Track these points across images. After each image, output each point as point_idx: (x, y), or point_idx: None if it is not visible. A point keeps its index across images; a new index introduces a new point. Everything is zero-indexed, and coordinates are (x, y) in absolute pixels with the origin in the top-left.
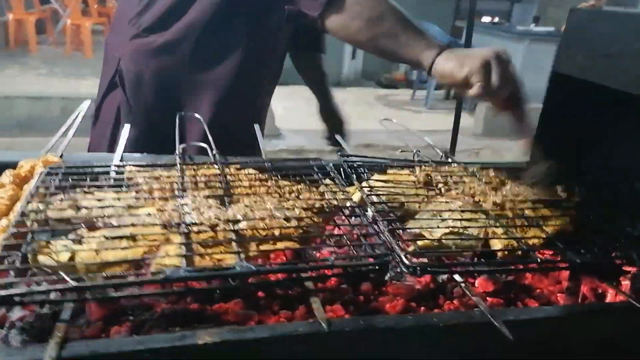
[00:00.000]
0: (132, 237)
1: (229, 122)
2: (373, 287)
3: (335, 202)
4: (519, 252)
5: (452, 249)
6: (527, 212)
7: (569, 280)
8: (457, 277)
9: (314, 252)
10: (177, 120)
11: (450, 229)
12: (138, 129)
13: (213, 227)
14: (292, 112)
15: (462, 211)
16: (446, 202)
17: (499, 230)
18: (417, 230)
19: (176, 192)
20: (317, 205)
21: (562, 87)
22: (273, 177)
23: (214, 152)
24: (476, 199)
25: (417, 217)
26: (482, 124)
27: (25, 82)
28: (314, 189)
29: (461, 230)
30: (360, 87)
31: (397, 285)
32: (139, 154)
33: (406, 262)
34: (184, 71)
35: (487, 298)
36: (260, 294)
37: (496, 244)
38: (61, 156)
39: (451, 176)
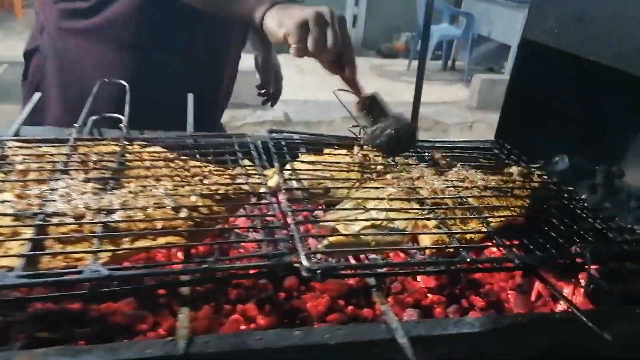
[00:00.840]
0: None
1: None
2: (299, 282)
3: (246, 188)
4: (451, 250)
5: (372, 245)
6: (471, 200)
7: (522, 276)
8: (371, 280)
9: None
10: (96, 87)
11: (372, 221)
12: (62, 99)
13: (79, 218)
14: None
15: (392, 199)
16: (377, 188)
17: (432, 223)
18: (333, 224)
19: (56, 174)
20: (222, 191)
21: (531, 55)
22: (183, 157)
23: (123, 124)
24: (415, 184)
25: (339, 206)
26: (477, 96)
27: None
28: (227, 171)
29: (385, 224)
30: (359, 57)
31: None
32: (42, 126)
33: (306, 263)
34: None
35: (428, 295)
36: (160, 291)
37: (424, 240)
38: None
39: (394, 158)
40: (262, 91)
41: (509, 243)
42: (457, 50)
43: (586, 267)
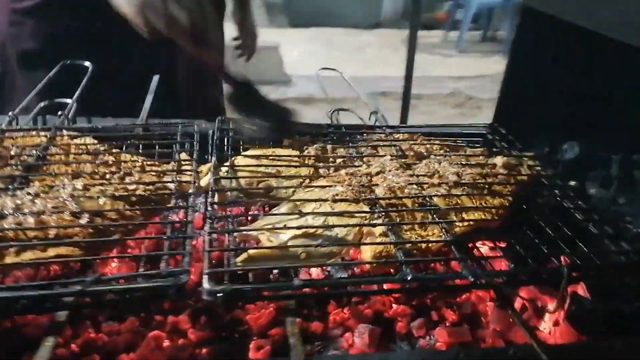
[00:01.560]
0: None
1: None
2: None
3: (172, 187)
4: (395, 264)
5: (301, 258)
6: (436, 200)
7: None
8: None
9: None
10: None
11: (305, 229)
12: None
13: None
14: (308, 57)
15: (336, 201)
16: (323, 187)
17: (379, 230)
18: (256, 233)
19: None
20: (140, 191)
21: (533, 25)
22: (116, 150)
23: (64, 113)
24: (373, 181)
25: (273, 211)
26: None
27: None
28: (157, 167)
29: (321, 231)
30: (399, 29)
31: None
32: None
33: (206, 285)
34: None
35: (393, 305)
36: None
37: (365, 252)
38: None
39: (358, 148)
40: (237, 42)
41: (474, 253)
42: (497, 20)
43: (562, 286)
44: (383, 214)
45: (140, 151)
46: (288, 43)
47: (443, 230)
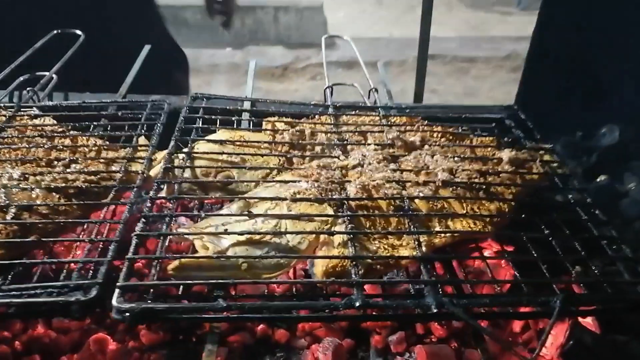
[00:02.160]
0: None
1: None
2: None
3: (118, 176)
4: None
5: (242, 270)
6: (417, 203)
7: None
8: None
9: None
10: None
11: (250, 235)
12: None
13: None
14: (356, 19)
15: (296, 201)
16: (286, 182)
17: (339, 239)
18: (193, 237)
19: None
20: (80, 182)
21: None
22: (75, 132)
23: (33, 88)
24: (349, 176)
25: (224, 210)
26: None
27: None
28: (114, 153)
29: (270, 238)
30: None
31: None
32: None
33: (115, 302)
34: None
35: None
36: None
37: (317, 267)
38: None
39: (341, 133)
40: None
41: (452, 272)
42: None
43: (550, 322)
44: (349, 218)
45: (108, 132)
46: (333, 2)
47: (416, 243)
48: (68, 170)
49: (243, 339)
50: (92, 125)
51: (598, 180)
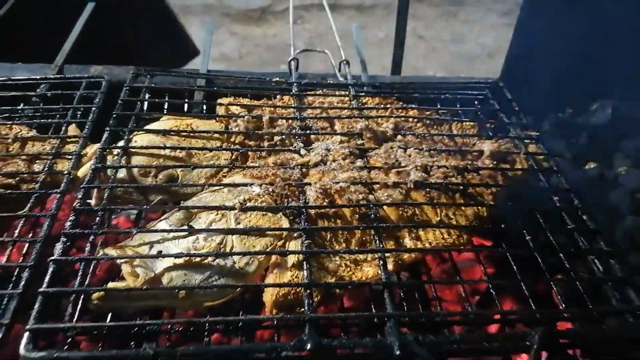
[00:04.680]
0: None
1: None
2: None
3: (42, 178)
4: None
5: (180, 297)
6: (385, 210)
7: None
8: None
9: None
10: None
11: (187, 257)
12: None
13: None
14: None
15: (247, 210)
16: (235, 186)
17: (293, 260)
18: (122, 260)
19: None
20: None
21: None
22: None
23: None
24: (308, 175)
25: (157, 223)
26: None
27: None
28: (42, 144)
29: (211, 260)
30: None
31: None
32: None
33: (22, 350)
34: None
35: None
36: None
37: (266, 295)
38: None
39: (304, 120)
40: None
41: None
42: None
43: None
44: (305, 233)
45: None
46: None
47: (381, 263)
48: None
49: None
50: (18, 110)
51: (587, 167)
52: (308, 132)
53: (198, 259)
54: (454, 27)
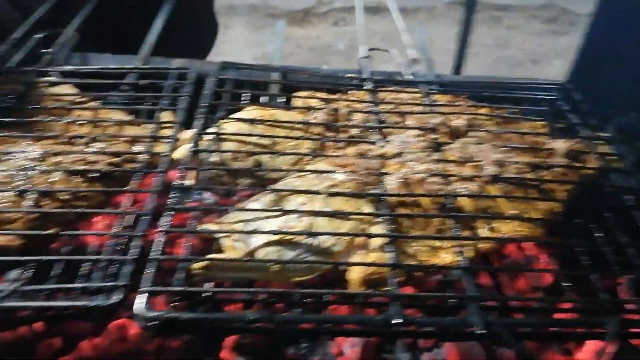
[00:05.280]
0: None
1: None
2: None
3: (142, 158)
4: (385, 298)
5: (272, 270)
6: (462, 202)
7: None
8: None
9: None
10: None
11: (281, 235)
12: None
13: None
14: None
15: (333, 195)
16: (320, 172)
17: (377, 242)
18: (221, 235)
19: None
20: (102, 166)
21: None
22: (93, 103)
23: (52, 51)
24: (386, 166)
25: (249, 202)
26: None
27: None
28: (137, 129)
29: (303, 239)
30: None
31: None
32: None
33: (140, 309)
34: None
35: None
36: None
37: (352, 273)
38: None
39: (383, 114)
40: None
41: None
42: None
43: (608, 349)
44: (389, 218)
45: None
46: None
47: (459, 249)
48: (89, 149)
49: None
50: (112, 96)
51: None
52: (384, 125)
53: (290, 236)
54: (498, 32)
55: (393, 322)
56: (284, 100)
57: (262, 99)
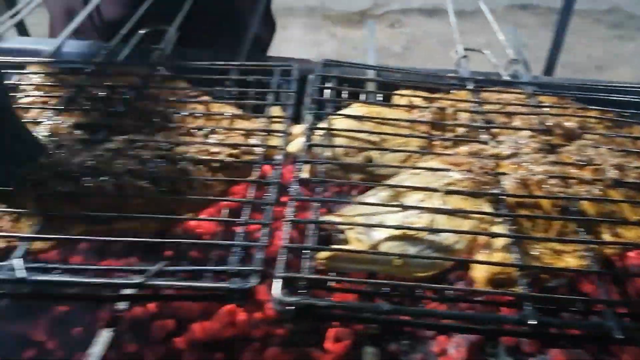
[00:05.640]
0: None
1: None
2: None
3: (259, 151)
4: (513, 297)
5: (395, 267)
6: (584, 206)
7: None
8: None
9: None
10: None
11: (404, 230)
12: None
13: None
14: None
15: (450, 193)
16: (435, 170)
17: (500, 242)
18: (345, 228)
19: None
20: (223, 156)
21: None
22: (205, 97)
23: (159, 47)
24: (500, 166)
25: (367, 196)
26: None
27: None
28: (246, 122)
29: (425, 235)
30: None
31: None
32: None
33: (277, 293)
34: None
35: None
36: None
37: (477, 272)
38: None
39: (489, 114)
40: None
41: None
42: None
43: None
44: (510, 218)
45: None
46: None
47: (589, 251)
48: (209, 140)
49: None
50: (220, 91)
51: None
52: (492, 125)
53: (413, 232)
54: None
55: (529, 322)
56: (381, 97)
57: (361, 97)
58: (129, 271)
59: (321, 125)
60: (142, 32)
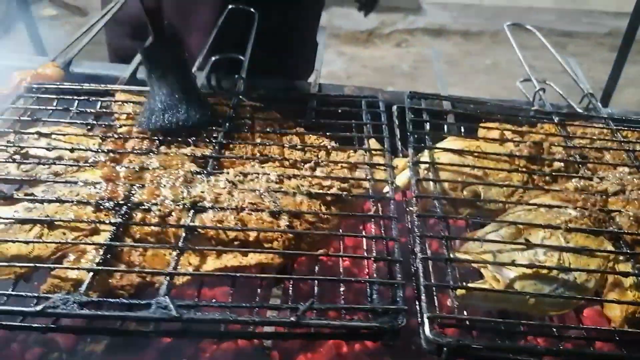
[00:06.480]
0: (49, 223)
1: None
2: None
3: (366, 185)
4: None
5: (529, 304)
6: None
7: None
8: None
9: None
10: None
11: (537, 268)
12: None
13: (164, 217)
14: None
15: (569, 230)
16: (549, 207)
17: (630, 281)
18: (475, 265)
19: (153, 144)
20: (335, 189)
21: None
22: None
23: (240, 75)
24: (609, 202)
25: (487, 232)
26: None
27: None
28: (343, 154)
29: (556, 274)
30: None
31: None
32: None
33: (428, 332)
34: None
35: None
36: None
37: (612, 311)
38: (69, 64)
39: (582, 149)
40: None
41: None
42: None
43: None
44: (632, 256)
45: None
46: None
47: None
48: (317, 174)
49: None
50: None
51: None
52: (590, 160)
53: (546, 270)
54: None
55: None
56: (463, 129)
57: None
58: (277, 308)
59: (424, 158)
60: (212, 58)
